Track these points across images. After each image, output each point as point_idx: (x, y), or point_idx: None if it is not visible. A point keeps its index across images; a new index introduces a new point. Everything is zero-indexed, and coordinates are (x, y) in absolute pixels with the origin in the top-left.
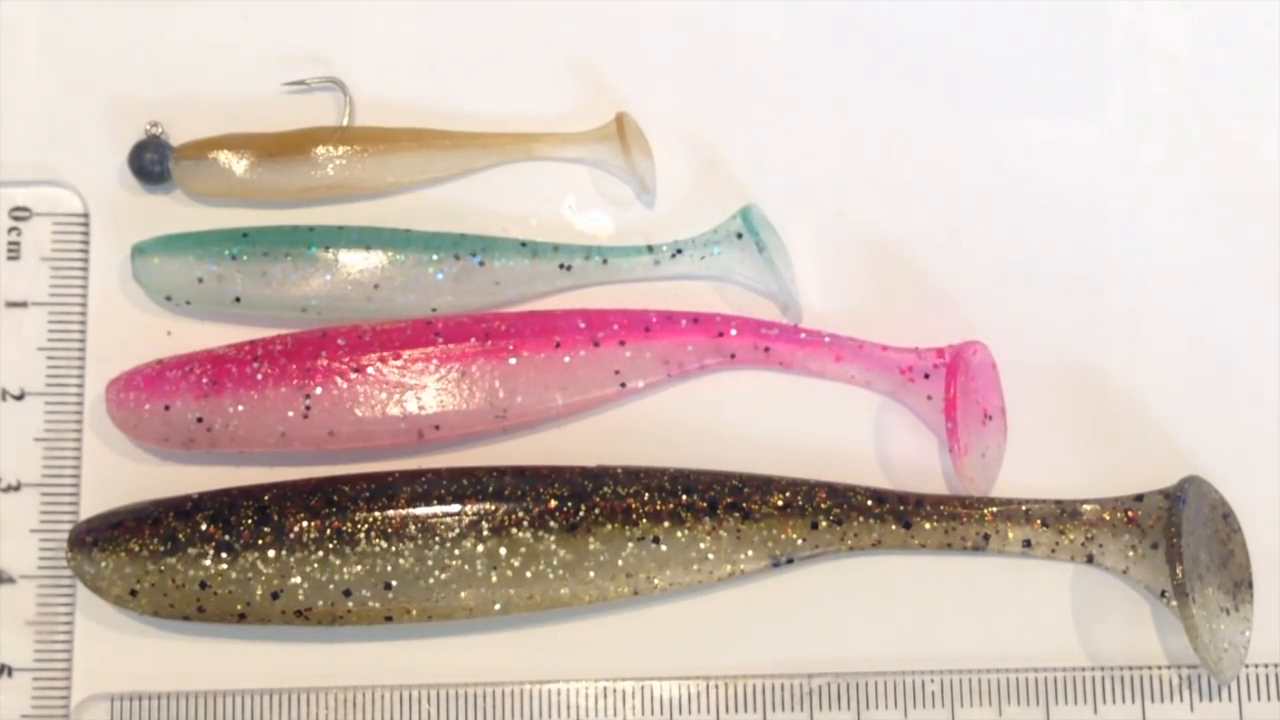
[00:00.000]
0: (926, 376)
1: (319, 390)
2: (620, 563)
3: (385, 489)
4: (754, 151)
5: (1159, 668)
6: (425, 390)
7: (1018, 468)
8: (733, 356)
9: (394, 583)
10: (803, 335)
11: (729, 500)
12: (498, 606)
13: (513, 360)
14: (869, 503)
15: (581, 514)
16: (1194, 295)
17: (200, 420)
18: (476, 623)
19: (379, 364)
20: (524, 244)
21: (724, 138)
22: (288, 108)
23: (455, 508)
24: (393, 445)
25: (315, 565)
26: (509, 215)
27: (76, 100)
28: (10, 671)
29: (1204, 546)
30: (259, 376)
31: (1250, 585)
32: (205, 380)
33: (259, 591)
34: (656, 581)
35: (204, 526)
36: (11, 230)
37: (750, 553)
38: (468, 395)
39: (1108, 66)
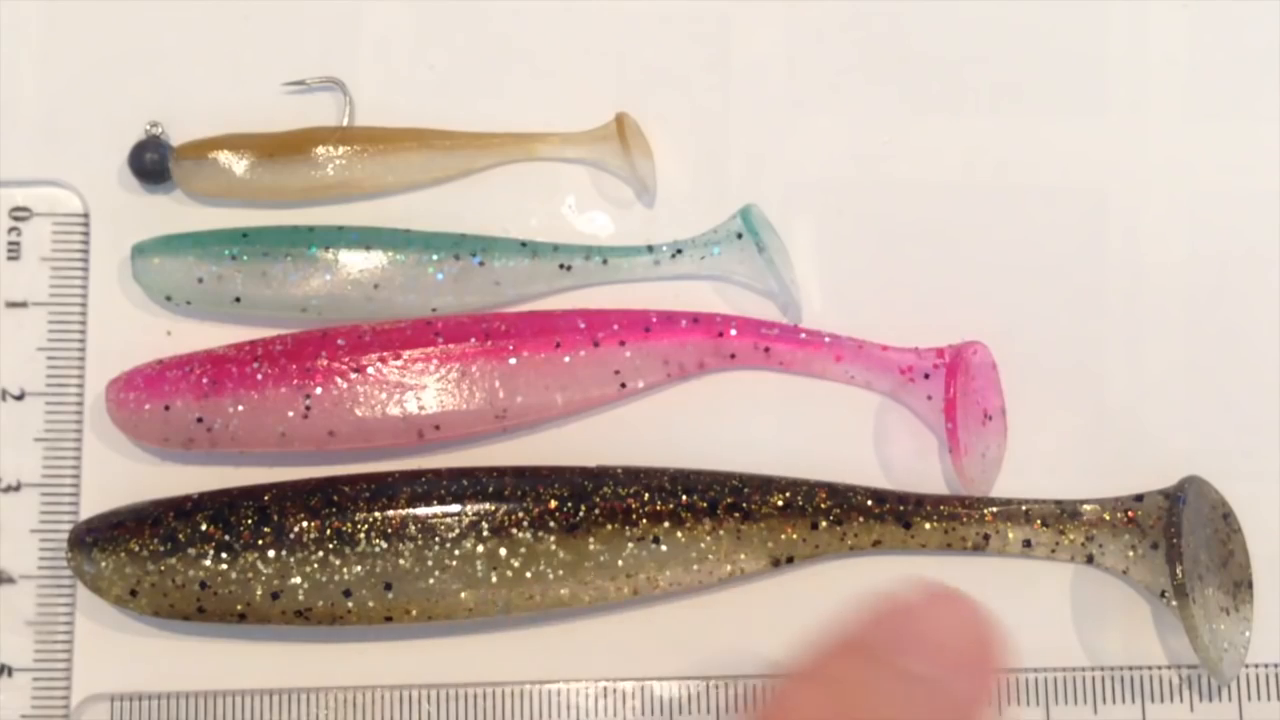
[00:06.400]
0: (926, 376)
1: (319, 390)
2: (620, 563)
3: (385, 489)
4: (754, 151)
5: (1159, 668)
6: (425, 390)
7: (1018, 468)
8: (733, 356)
9: (394, 583)
10: (803, 335)
11: (729, 500)
12: (498, 607)
13: (513, 360)
14: (869, 503)
15: (581, 514)
16: (1194, 295)
17: (200, 420)
18: (476, 623)
19: (379, 364)
20: (524, 244)
21: (724, 138)
22: (288, 108)
23: (455, 508)
24: (393, 445)
25: (315, 565)
26: (509, 215)
27: (76, 100)
28: (10, 671)
29: (1204, 547)
30: (259, 376)
31: (1250, 585)
32: (205, 380)
33: (259, 591)
34: (657, 581)
35: (204, 526)
36: (11, 230)
37: (750, 553)
38: (468, 395)
39: (1108, 66)
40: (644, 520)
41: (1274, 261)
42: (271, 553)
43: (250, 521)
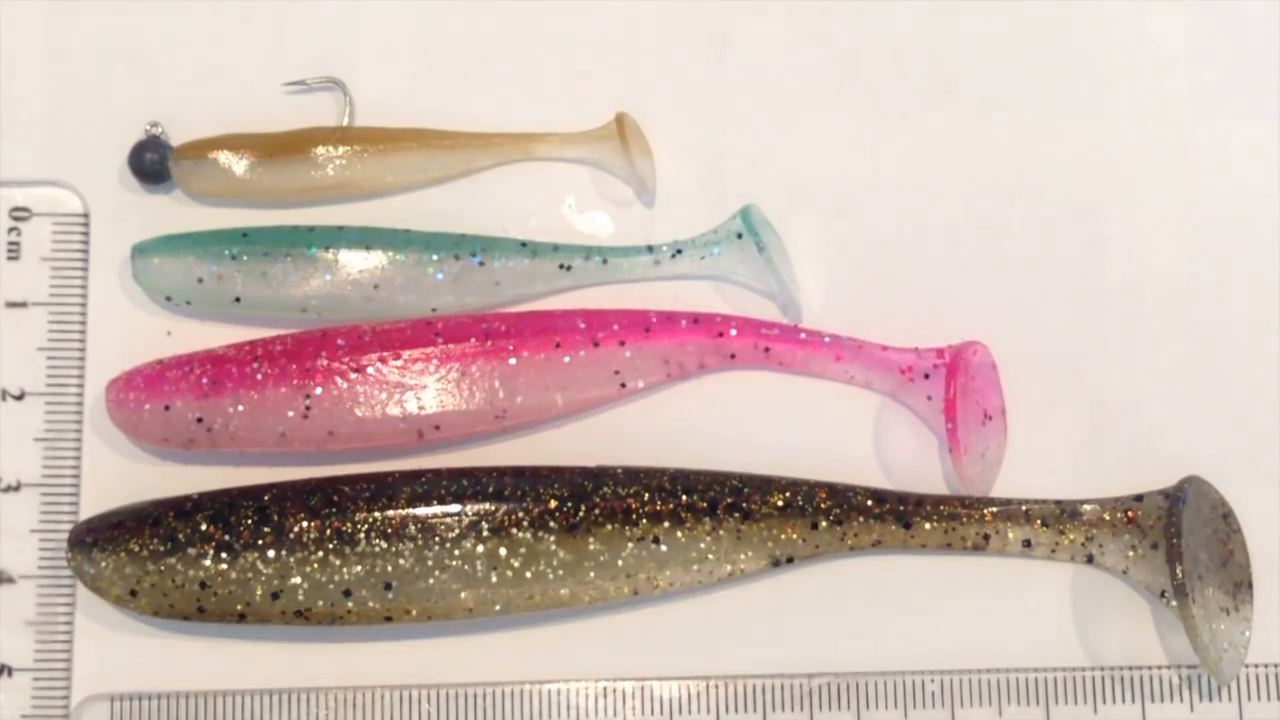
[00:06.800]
0: (926, 377)
1: (319, 390)
2: (620, 563)
3: (385, 489)
4: (754, 151)
5: (1159, 668)
6: (425, 390)
7: (1018, 468)
8: (733, 357)
9: (394, 583)
10: (803, 335)
11: (729, 500)
12: (498, 607)
13: (513, 360)
14: (869, 503)
15: (581, 514)
16: (1194, 295)
17: (200, 420)
18: (476, 623)
19: (379, 364)
20: (524, 244)
21: (724, 137)
22: (288, 108)
23: (455, 508)
24: (393, 445)
25: (315, 565)
26: (509, 215)
27: (76, 100)
28: (10, 671)
29: (1204, 546)
30: (259, 376)
31: (1250, 585)
32: (205, 380)
33: (259, 592)
34: (657, 581)
35: (204, 526)
36: (11, 230)
37: (750, 553)
38: (468, 395)
39: (1108, 66)
40: (644, 520)
41: (1274, 261)
42: (271, 553)
43: (250, 521)
